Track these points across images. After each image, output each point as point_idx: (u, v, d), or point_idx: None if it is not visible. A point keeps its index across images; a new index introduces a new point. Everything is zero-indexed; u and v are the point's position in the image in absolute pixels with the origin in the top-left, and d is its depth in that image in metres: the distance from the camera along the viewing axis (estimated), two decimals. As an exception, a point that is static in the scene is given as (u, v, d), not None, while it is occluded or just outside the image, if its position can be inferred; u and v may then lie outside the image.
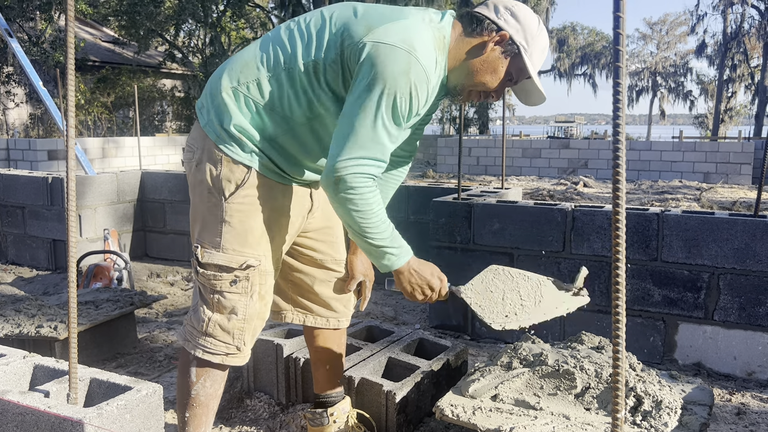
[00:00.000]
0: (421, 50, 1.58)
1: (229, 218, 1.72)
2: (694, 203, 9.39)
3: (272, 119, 1.70)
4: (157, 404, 1.61)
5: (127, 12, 18.83)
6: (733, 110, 32.85)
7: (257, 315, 1.80)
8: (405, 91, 1.57)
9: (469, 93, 1.76)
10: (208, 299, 1.76)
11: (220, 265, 1.72)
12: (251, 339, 1.81)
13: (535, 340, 2.32)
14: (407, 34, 1.58)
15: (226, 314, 1.75)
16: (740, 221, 2.88)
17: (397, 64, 1.55)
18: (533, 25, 1.70)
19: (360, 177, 1.59)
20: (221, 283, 1.73)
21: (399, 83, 1.55)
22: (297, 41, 1.67)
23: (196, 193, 1.78)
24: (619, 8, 1.01)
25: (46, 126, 18.07)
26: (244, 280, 1.73)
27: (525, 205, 3.34)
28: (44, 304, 3.11)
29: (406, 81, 1.56)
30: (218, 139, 1.71)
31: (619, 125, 1.04)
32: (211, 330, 1.75)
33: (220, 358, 1.76)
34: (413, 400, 2.30)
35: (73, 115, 1.37)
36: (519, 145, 15.44)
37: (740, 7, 29.55)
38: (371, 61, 1.56)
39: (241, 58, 1.74)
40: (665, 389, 1.98)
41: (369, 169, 1.61)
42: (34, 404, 1.48)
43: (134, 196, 5.45)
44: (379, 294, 4.35)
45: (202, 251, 1.73)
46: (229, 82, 1.71)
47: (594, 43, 35.75)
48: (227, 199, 1.71)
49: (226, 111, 1.70)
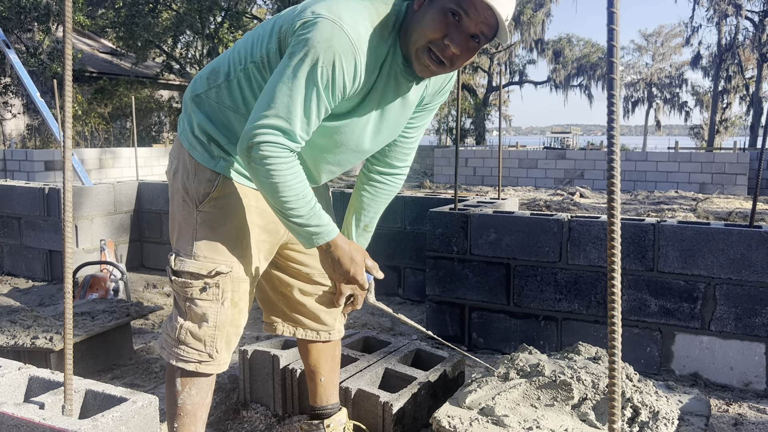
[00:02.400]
0: (349, 21, 1.49)
1: (200, 225, 1.71)
2: (690, 214, 9.42)
3: (237, 121, 1.69)
4: (152, 416, 1.60)
5: (125, 23, 18.91)
6: (728, 121, 33.00)
7: (229, 322, 1.76)
8: (327, 60, 1.48)
9: (416, 54, 1.58)
10: (181, 307, 1.75)
11: (191, 272, 1.70)
12: (226, 347, 1.77)
13: (532, 350, 2.32)
14: (336, 6, 1.51)
15: (197, 321, 1.73)
16: (736, 231, 2.89)
17: (321, 32, 1.47)
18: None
19: (273, 146, 1.51)
20: (192, 290, 1.71)
21: (320, 50, 1.47)
22: (251, 42, 1.68)
23: (174, 201, 1.78)
24: (613, 21, 1.02)
25: (43, 137, 18.06)
26: (214, 287, 1.71)
27: (521, 216, 3.35)
28: (40, 315, 3.10)
29: (329, 48, 1.47)
30: (190, 147, 1.72)
31: (613, 136, 1.05)
32: (183, 337, 1.73)
33: (194, 366, 1.74)
34: (410, 411, 2.29)
35: (70, 125, 1.37)
36: (515, 155, 15.48)
37: (734, 18, 29.76)
38: (297, 33, 1.51)
39: (210, 66, 1.76)
40: (662, 400, 1.98)
41: (282, 140, 1.51)
42: (28, 416, 1.47)
43: (131, 207, 5.45)
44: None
45: (175, 259, 1.73)
46: (196, 90, 1.73)
47: (590, 54, 35.95)
48: (198, 206, 1.71)
49: (194, 117, 1.72)
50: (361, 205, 1.97)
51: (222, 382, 2.81)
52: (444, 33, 1.54)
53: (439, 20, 1.53)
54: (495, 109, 31.29)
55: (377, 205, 1.98)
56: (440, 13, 1.53)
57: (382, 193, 1.98)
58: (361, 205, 1.97)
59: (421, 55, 1.57)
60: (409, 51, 1.59)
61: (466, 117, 30.88)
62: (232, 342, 1.80)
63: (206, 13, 19.06)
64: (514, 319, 3.38)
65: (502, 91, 35.91)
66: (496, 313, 3.42)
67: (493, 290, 3.41)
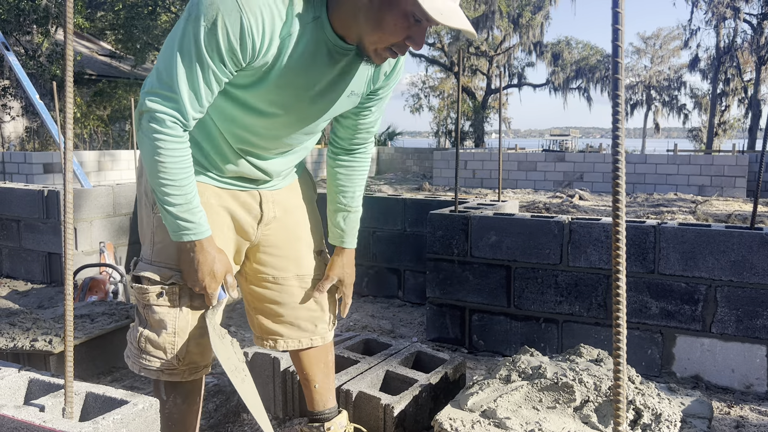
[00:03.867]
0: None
1: (158, 228, 1.67)
2: (690, 216, 9.42)
3: None
4: (153, 418, 1.59)
5: (124, 26, 18.93)
6: (727, 124, 33.04)
7: (190, 328, 1.69)
8: (210, 19, 1.40)
9: (375, 51, 1.54)
10: (141, 314, 1.70)
11: (149, 278, 1.66)
12: (189, 353, 1.69)
13: (533, 353, 2.31)
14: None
15: (156, 329, 1.67)
16: (737, 233, 2.88)
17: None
18: None
19: (160, 115, 1.45)
20: (149, 296, 1.66)
21: (203, 9, 1.40)
22: None
23: (140, 206, 1.76)
24: (618, 21, 1.01)
25: (41, 139, 18.05)
26: (170, 293, 1.67)
27: (522, 218, 3.34)
28: (39, 317, 3.09)
29: (213, 8, 1.40)
30: None
31: (618, 136, 1.04)
32: (143, 345, 1.68)
33: (157, 374, 1.69)
34: (411, 413, 2.29)
35: (71, 126, 1.37)
36: (514, 158, 15.49)
37: (733, 21, 29.82)
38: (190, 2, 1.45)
39: None
40: (664, 402, 1.98)
41: (166, 108, 1.45)
42: (29, 419, 1.46)
43: (130, 210, 5.44)
44: (377, 307, 4.34)
45: (136, 264, 1.70)
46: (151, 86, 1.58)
47: (588, 57, 35.97)
48: (154, 208, 1.68)
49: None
50: (338, 189, 1.93)
51: (222, 385, 2.80)
52: (406, 35, 1.49)
53: (401, 25, 1.47)
54: (494, 111, 31.32)
55: (353, 183, 1.94)
56: (402, 17, 1.45)
57: (355, 170, 1.93)
58: (339, 189, 1.93)
59: (381, 52, 1.54)
60: (365, 47, 1.54)
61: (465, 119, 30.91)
62: (199, 350, 1.72)
63: (205, 15, 19.04)
64: (514, 322, 3.37)
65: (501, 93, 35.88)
66: (496, 316, 3.42)
67: (494, 292, 3.41)
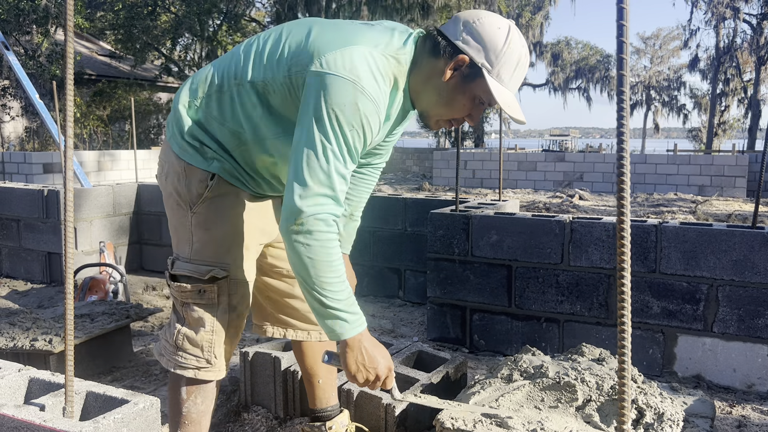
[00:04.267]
0: (367, 79, 1.49)
1: (195, 227, 1.69)
2: (690, 216, 9.41)
3: (226, 134, 1.67)
4: (154, 417, 1.59)
5: (124, 26, 18.90)
6: (727, 124, 33.04)
7: (227, 327, 1.73)
8: (356, 124, 1.49)
9: (436, 122, 1.68)
10: (179, 311, 1.73)
11: (187, 276, 1.69)
12: (224, 352, 1.74)
13: (535, 352, 2.31)
14: (353, 63, 1.49)
15: (194, 326, 1.70)
16: (738, 233, 2.88)
17: (344, 95, 1.47)
18: (498, 40, 1.55)
19: (319, 220, 1.47)
20: (189, 294, 1.69)
21: (348, 116, 1.47)
22: (251, 58, 1.64)
23: (168, 206, 1.77)
24: (623, 17, 1.00)
25: (41, 139, 18.03)
26: (210, 291, 1.69)
27: (523, 217, 3.34)
28: (39, 317, 3.08)
29: (355, 113, 1.48)
30: (180, 151, 1.69)
31: (623, 133, 1.04)
32: (181, 343, 1.70)
33: (192, 372, 1.71)
34: (413, 413, 2.28)
35: (71, 124, 1.36)
36: (514, 158, 15.48)
37: (732, 21, 29.83)
38: (317, 93, 1.48)
39: (202, 72, 1.73)
40: (667, 401, 1.97)
41: (328, 208, 1.49)
42: (29, 418, 1.46)
43: (130, 209, 5.43)
44: (377, 306, 4.33)
45: (173, 263, 1.72)
46: (187, 96, 1.71)
47: (588, 57, 35.99)
48: (192, 208, 1.69)
49: (184, 123, 1.69)
50: None
51: (223, 385, 2.80)
52: (468, 114, 1.66)
53: (467, 106, 1.63)
54: (494, 111, 31.28)
55: (359, 194, 2.02)
56: (469, 100, 1.62)
57: (362, 184, 2.02)
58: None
59: (442, 123, 1.69)
60: (427, 112, 1.68)
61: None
62: (232, 346, 1.78)
63: (205, 15, 19.05)
64: (515, 321, 3.37)
65: (501, 93, 35.67)
66: (497, 315, 3.41)
67: (495, 292, 3.40)
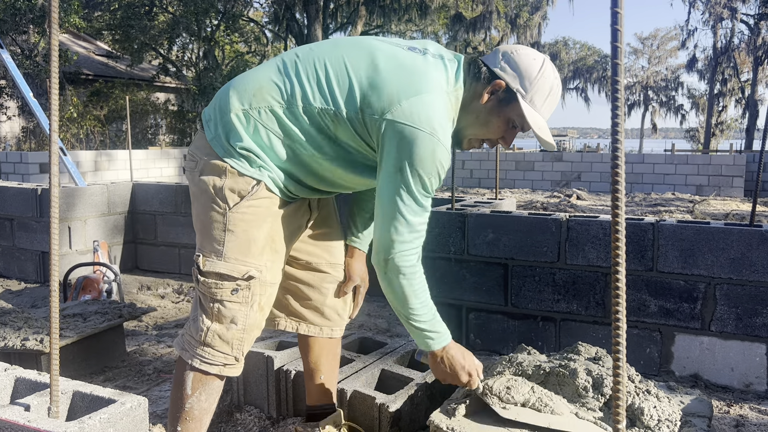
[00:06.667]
0: (441, 130, 1.64)
1: (233, 227, 1.71)
2: (687, 215, 9.40)
3: (281, 147, 1.71)
4: (142, 418, 1.56)
5: (121, 26, 18.87)
6: (724, 124, 33.07)
7: (256, 325, 1.79)
8: (433, 172, 1.65)
9: (468, 141, 1.81)
10: (207, 308, 1.73)
11: (221, 273, 1.71)
12: (247, 350, 1.80)
13: (530, 351, 2.28)
14: (428, 115, 1.62)
15: (225, 324, 1.73)
16: (736, 231, 2.86)
17: (423, 148, 1.61)
18: (533, 69, 1.70)
19: (408, 256, 1.68)
20: (222, 291, 1.71)
21: (426, 166, 1.63)
22: (317, 84, 1.68)
23: (199, 202, 1.76)
24: (617, 22, 0.98)
25: (38, 139, 17.97)
26: (245, 289, 1.73)
27: (519, 215, 3.31)
28: (30, 316, 3.05)
29: (433, 162, 1.63)
30: (225, 153, 1.70)
31: (618, 132, 1.01)
32: (210, 340, 1.73)
33: (218, 369, 1.74)
34: (407, 412, 2.25)
35: (56, 109, 1.33)
36: (512, 157, 15.46)
37: (730, 22, 29.85)
38: (398, 144, 1.61)
39: (255, 81, 1.72)
40: (664, 401, 1.95)
41: (414, 244, 1.69)
42: (13, 418, 1.43)
43: (125, 208, 5.40)
44: (372, 306, 4.31)
45: (203, 260, 1.72)
46: (240, 104, 1.70)
47: (586, 57, 36.04)
48: (231, 208, 1.70)
49: (235, 131, 1.69)
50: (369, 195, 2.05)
51: (216, 384, 2.77)
52: (501, 136, 1.80)
53: (502, 128, 1.77)
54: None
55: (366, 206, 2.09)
56: (504, 122, 1.75)
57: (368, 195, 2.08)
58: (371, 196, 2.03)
59: (474, 142, 1.83)
60: (463, 136, 1.80)
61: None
62: (251, 345, 1.83)
63: (202, 15, 19.01)
64: (512, 320, 3.34)
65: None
66: (493, 314, 3.38)
67: (491, 291, 3.38)
